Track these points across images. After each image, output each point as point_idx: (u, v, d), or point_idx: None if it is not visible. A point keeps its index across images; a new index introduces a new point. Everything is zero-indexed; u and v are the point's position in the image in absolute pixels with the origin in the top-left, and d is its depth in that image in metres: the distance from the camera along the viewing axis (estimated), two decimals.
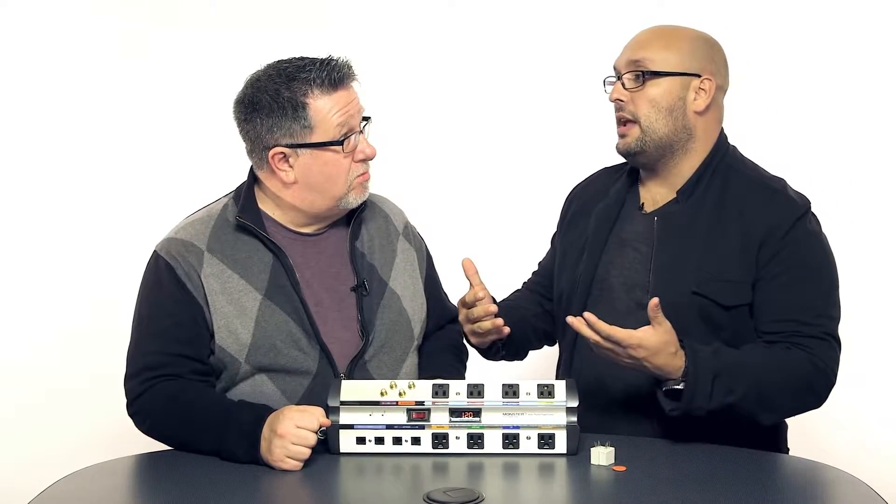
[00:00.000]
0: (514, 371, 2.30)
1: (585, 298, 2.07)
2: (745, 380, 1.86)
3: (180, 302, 1.92)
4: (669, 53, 2.00)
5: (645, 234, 2.03)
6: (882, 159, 2.94)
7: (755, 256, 1.94)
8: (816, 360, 1.90)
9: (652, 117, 2.00)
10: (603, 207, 2.14)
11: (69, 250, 3.09)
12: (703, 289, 1.94)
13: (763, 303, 1.94)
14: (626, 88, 2.02)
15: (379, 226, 2.10)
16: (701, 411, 1.84)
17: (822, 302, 1.95)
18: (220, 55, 3.06)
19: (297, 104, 1.89)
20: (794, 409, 1.95)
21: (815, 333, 1.91)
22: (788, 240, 1.94)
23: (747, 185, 2.01)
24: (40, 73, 3.07)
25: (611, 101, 2.05)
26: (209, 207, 2.04)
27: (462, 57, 3.14)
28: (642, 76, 2.00)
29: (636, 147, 2.02)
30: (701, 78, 2.01)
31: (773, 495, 1.63)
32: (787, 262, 1.94)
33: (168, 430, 1.90)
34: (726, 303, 1.94)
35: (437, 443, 1.81)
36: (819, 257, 1.97)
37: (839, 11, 2.94)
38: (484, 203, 3.13)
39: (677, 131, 2.01)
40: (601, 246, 2.09)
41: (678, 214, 2.02)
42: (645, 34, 2.06)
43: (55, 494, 1.69)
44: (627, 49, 2.05)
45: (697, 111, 2.02)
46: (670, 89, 2.00)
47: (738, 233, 1.96)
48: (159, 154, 3.13)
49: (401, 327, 2.04)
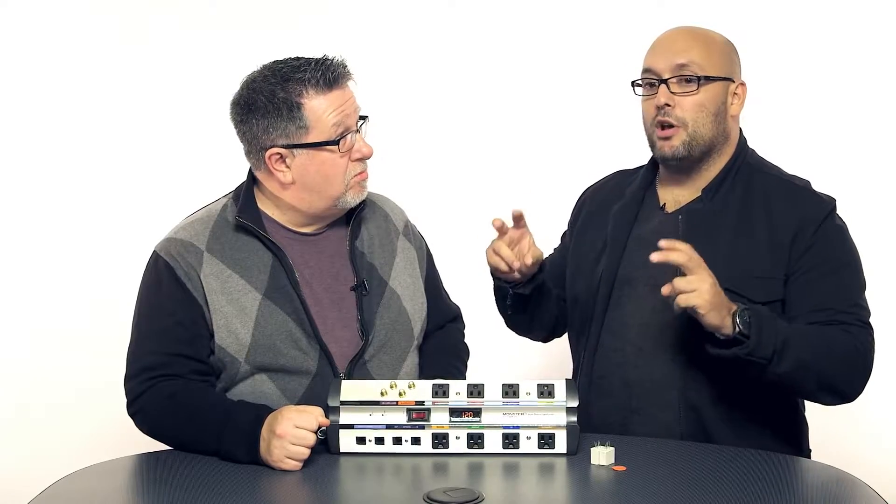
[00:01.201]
0: (514, 371, 2.30)
1: (607, 298, 2.06)
2: (804, 338, 1.86)
3: (180, 302, 1.91)
4: (713, 57, 2.00)
5: (669, 233, 2.01)
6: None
7: (788, 251, 1.95)
8: (858, 344, 1.91)
9: (700, 121, 1.99)
10: (620, 208, 2.13)
11: (69, 250, 3.09)
12: (734, 284, 1.92)
13: (798, 296, 1.95)
14: (673, 93, 1.99)
15: (379, 225, 2.10)
16: (767, 349, 1.81)
17: (855, 293, 1.97)
18: (221, 55, 3.06)
19: (293, 105, 1.89)
20: (838, 392, 1.93)
21: (853, 321, 1.93)
22: (820, 234, 1.96)
23: (772, 183, 2.03)
24: (39, 72, 3.07)
25: (658, 105, 2.01)
26: (209, 207, 2.04)
27: (462, 55, 3.14)
28: (696, 80, 1.98)
29: (683, 151, 2.01)
30: (735, 83, 2.03)
31: (773, 495, 1.62)
32: (820, 255, 1.95)
33: (168, 430, 1.90)
34: (757, 299, 1.93)
35: (437, 443, 1.81)
36: (848, 252, 2.00)
37: (845, 9, 2.93)
38: (484, 202, 3.12)
39: (719, 135, 2.02)
40: (622, 246, 2.08)
41: (703, 212, 2.02)
42: (683, 37, 2.03)
43: (55, 494, 1.69)
44: (667, 52, 2.02)
45: (734, 115, 2.04)
46: (717, 94, 2.01)
47: (765, 229, 1.97)
48: (159, 155, 3.13)
49: (401, 327, 2.04)
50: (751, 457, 1.80)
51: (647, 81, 2.04)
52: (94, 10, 3.11)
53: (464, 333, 2.25)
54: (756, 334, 1.81)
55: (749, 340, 1.81)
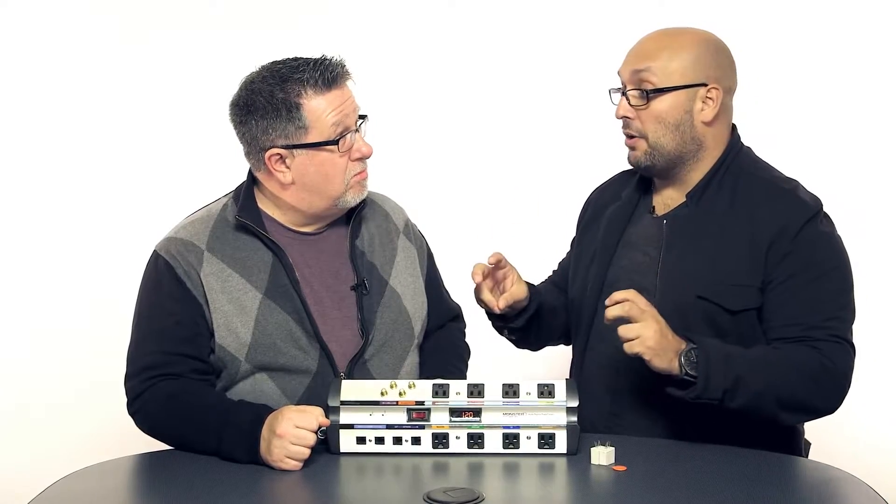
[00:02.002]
0: (514, 371, 2.30)
1: (596, 302, 2.05)
2: (758, 367, 1.82)
3: (180, 301, 1.92)
4: (672, 64, 1.94)
5: (654, 237, 2.02)
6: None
7: (764, 259, 1.91)
8: (826, 361, 1.85)
9: (659, 133, 1.96)
10: (614, 211, 2.12)
11: (69, 250, 3.09)
12: (709, 293, 1.91)
13: (772, 306, 1.91)
14: (632, 105, 1.98)
15: (379, 224, 2.10)
16: (717, 391, 1.79)
17: (833, 305, 1.91)
18: (220, 55, 3.06)
19: (292, 105, 1.89)
20: (808, 410, 1.90)
21: (825, 336, 1.87)
22: (798, 241, 1.90)
23: (758, 186, 1.98)
24: (39, 72, 3.07)
25: (617, 117, 2.01)
26: (209, 207, 2.04)
27: (462, 55, 3.14)
28: (646, 94, 1.95)
29: (646, 161, 1.99)
30: (707, 87, 1.96)
31: (772, 495, 1.62)
32: (796, 264, 1.90)
33: (168, 429, 1.90)
34: (732, 307, 1.91)
35: (438, 443, 1.81)
36: (830, 259, 1.93)
37: (846, 9, 2.93)
38: (485, 201, 3.13)
39: (685, 144, 1.98)
40: (612, 250, 2.07)
41: (687, 218, 2.00)
42: (646, 43, 2.00)
43: (55, 494, 1.69)
44: (630, 58, 2.00)
45: (705, 121, 1.97)
46: (676, 104, 1.96)
47: (747, 235, 1.93)
48: (159, 154, 3.13)
49: (401, 326, 2.04)
50: (751, 457, 1.80)
51: (616, 90, 2.03)
52: (94, 10, 3.11)
53: (464, 333, 2.25)
54: (703, 377, 1.79)
55: (697, 384, 1.80)
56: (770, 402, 1.84)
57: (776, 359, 1.86)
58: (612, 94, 2.04)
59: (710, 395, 1.80)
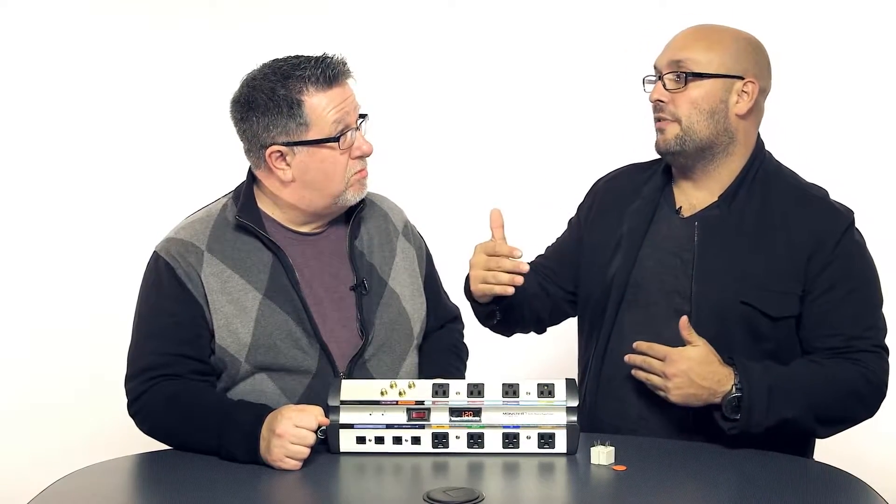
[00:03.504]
0: (514, 371, 2.29)
1: (619, 302, 2.04)
2: (800, 393, 1.86)
3: (180, 302, 1.92)
4: (713, 54, 1.96)
5: (684, 239, 2.00)
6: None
7: (804, 268, 1.92)
8: (870, 374, 1.90)
9: (693, 118, 1.96)
10: (636, 208, 2.09)
11: (69, 251, 3.09)
12: (750, 298, 1.91)
13: (814, 316, 1.93)
14: (667, 89, 1.98)
15: (378, 224, 2.10)
16: (759, 428, 1.83)
17: (872, 314, 1.95)
18: (220, 54, 3.06)
19: (293, 102, 1.89)
20: (848, 422, 1.95)
21: (867, 347, 1.91)
22: (839, 252, 1.92)
23: (790, 192, 1.99)
24: (39, 73, 3.07)
25: (651, 101, 2.01)
26: (209, 207, 2.04)
27: (462, 54, 3.14)
28: (684, 77, 1.96)
29: (676, 145, 1.98)
30: (744, 80, 1.97)
31: (773, 495, 1.62)
32: (837, 274, 1.92)
33: (168, 429, 1.90)
34: (773, 313, 1.92)
35: (437, 442, 1.81)
36: (867, 269, 1.97)
37: (847, 10, 2.93)
38: (484, 201, 3.10)
39: (718, 134, 1.98)
40: (636, 248, 2.05)
41: (720, 220, 1.98)
42: (687, 34, 2.02)
43: (55, 494, 1.69)
44: (669, 49, 2.01)
45: (739, 114, 1.98)
46: (712, 91, 1.96)
47: (783, 242, 1.94)
48: (159, 154, 3.14)
49: (400, 326, 2.04)
50: (751, 457, 1.80)
51: (651, 78, 2.04)
52: (94, 11, 3.12)
53: (463, 333, 2.25)
54: (745, 420, 1.83)
55: (738, 423, 1.84)
56: (810, 423, 1.89)
57: (822, 381, 1.89)
58: (645, 84, 2.05)
59: (752, 431, 1.84)
